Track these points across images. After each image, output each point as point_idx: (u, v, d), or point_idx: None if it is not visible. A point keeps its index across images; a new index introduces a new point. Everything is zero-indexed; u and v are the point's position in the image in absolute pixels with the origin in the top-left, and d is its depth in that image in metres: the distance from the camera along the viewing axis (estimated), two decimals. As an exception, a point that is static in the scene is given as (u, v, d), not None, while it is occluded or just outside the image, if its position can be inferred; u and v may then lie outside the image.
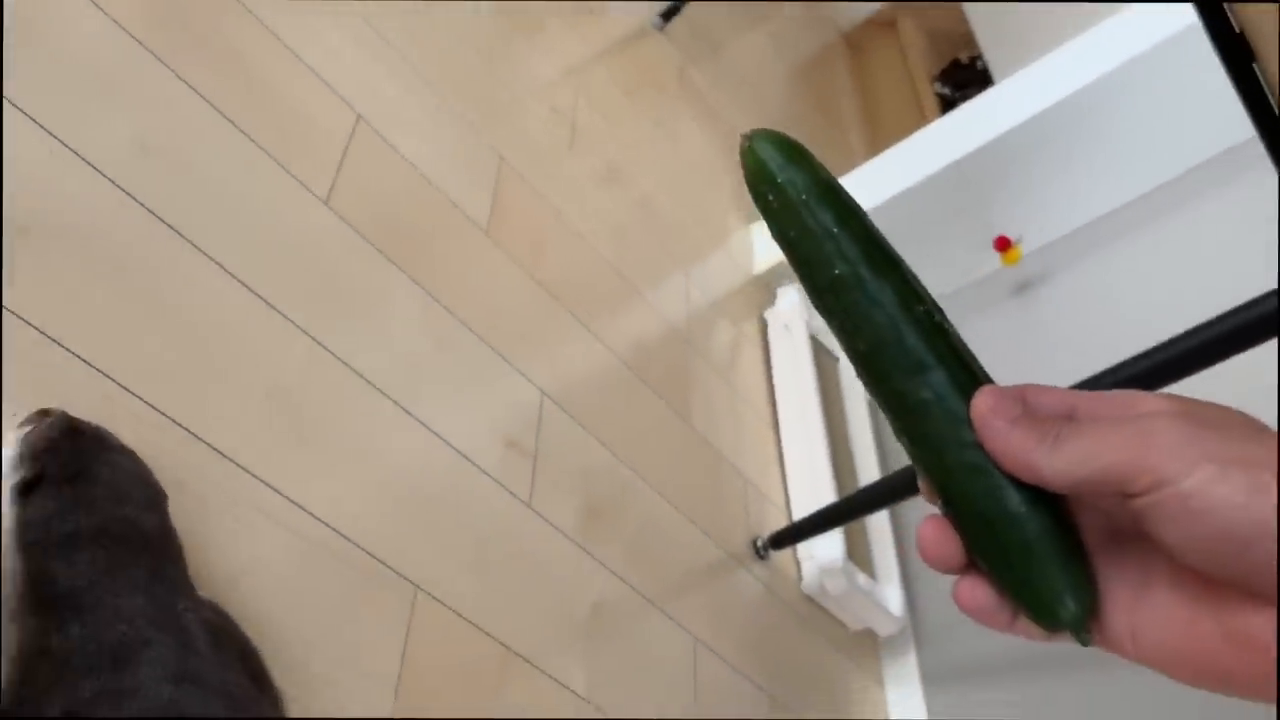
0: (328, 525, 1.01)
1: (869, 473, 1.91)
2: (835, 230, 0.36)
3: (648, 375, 1.65)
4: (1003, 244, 1.99)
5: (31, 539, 0.72)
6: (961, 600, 0.35)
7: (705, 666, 1.42)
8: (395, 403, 1.17)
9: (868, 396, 1.00)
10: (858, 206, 0.37)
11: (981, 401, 0.34)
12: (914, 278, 0.37)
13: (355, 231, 1.26)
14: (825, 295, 0.36)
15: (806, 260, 0.36)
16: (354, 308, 1.20)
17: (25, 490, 0.74)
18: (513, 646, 1.13)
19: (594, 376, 1.56)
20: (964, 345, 0.36)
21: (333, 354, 1.13)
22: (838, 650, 1.72)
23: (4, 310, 0.87)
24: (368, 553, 1.04)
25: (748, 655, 1.51)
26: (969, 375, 0.35)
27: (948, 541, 0.35)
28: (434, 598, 1.08)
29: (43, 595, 0.70)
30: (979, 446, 0.33)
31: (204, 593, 0.81)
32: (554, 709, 1.15)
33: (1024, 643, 0.36)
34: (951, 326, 0.36)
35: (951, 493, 0.35)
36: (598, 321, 1.63)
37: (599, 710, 1.20)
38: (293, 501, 0.99)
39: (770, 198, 0.37)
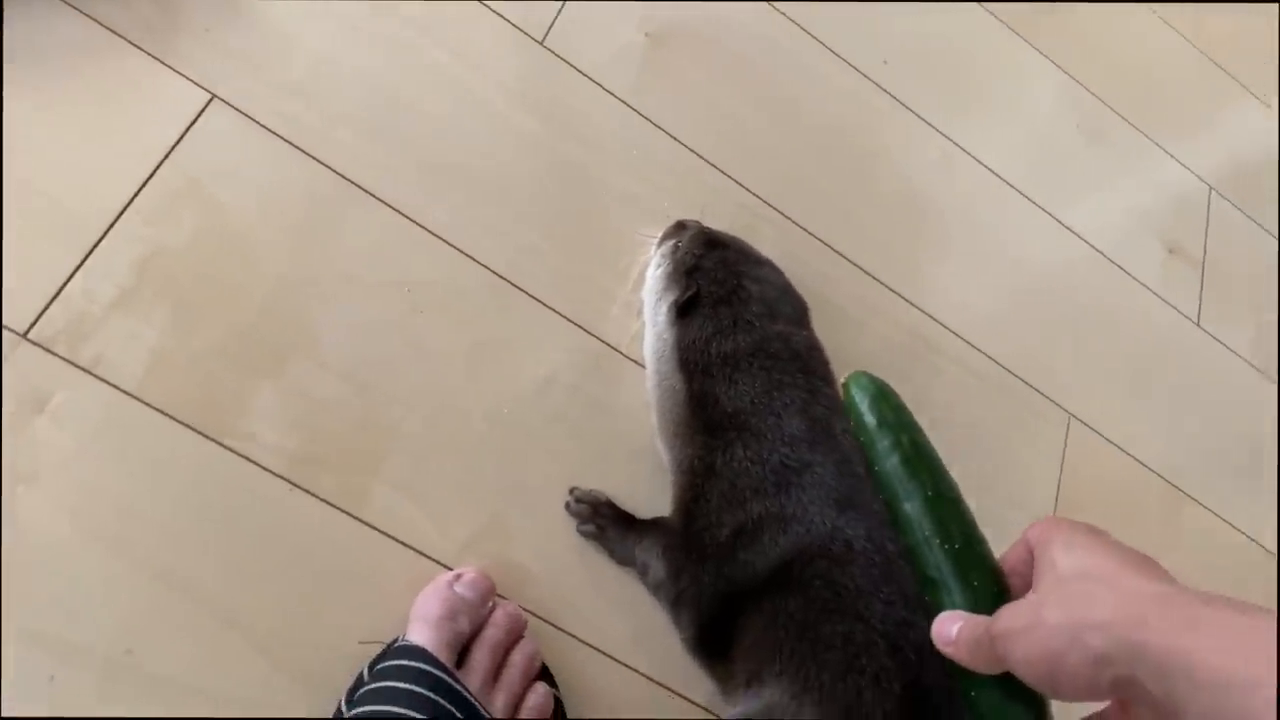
0: (977, 347, 0.94)
1: None
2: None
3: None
4: None
5: (693, 360, 0.73)
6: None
7: None
8: (1036, 204, 1.03)
9: None
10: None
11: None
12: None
13: (989, 13, 1.10)
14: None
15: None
16: (987, 100, 1.07)
17: (683, 311, 0.74)
18: (1178, 483, 0.98)
19: (1271, 159, 1.25)
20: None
21: (967, 152, 1.02)
22: None
23: (638, 113, 0.89)
24: (1018, 377, 0.94)
25: None
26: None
27: None
28: (1088, 425, 0.96)
29: (708, 416, 0.71)
30: None
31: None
32: (1226, 548, 0.98)
33: None
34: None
35: None
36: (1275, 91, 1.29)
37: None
38: (930, 317, 0.93)
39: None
